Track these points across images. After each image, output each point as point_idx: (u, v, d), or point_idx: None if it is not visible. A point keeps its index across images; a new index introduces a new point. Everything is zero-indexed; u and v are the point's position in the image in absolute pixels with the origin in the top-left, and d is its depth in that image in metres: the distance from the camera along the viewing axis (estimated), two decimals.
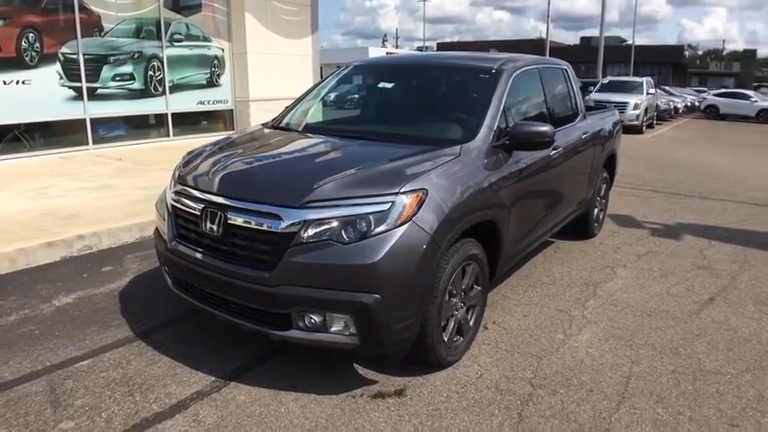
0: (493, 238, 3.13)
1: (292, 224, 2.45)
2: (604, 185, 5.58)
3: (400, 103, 3.62)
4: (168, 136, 10.36)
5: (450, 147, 2.99)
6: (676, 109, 22.98)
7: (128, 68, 9.38)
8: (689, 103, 26.42)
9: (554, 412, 2.63)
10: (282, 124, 3.80)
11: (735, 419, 2.63)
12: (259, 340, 3.09)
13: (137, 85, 9.58)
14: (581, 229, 5.24)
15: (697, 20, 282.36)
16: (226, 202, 2.63)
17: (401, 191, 2.50)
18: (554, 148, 3.80)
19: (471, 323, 3.11)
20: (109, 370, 2.88)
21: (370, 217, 2.43)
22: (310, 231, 2.43)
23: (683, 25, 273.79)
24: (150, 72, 9.79)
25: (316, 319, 2.48)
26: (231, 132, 3.77)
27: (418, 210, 2.50)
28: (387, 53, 44.35)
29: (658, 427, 2.56)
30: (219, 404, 2.61)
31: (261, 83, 11.76)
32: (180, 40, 10.35)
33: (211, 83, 11.21)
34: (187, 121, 10.79)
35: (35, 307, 3.60)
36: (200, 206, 2.72)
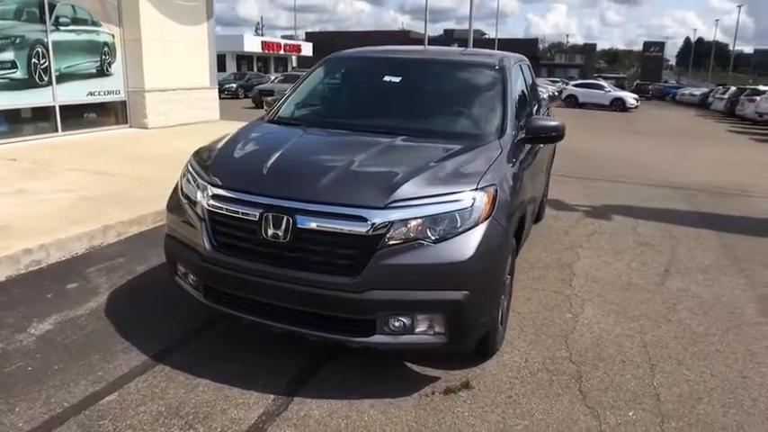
0: (518, 230, 3.26)
1: (379, 225, 2.36)
2: None
3: (418, 99, 3.57)
4: (57, 131, 9.20)
5: (490, 142, 3.05)
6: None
7: (8, 55, 8.14)
8: (550, 93, 29.02)
9: (606, 385, 2.85)
10: (291, 119, 3.56)
11: (742, 372, 3.05)
12: (293, 348, 2.95)
13: (19, 74, 8.36)
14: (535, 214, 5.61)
15: (541, 15, 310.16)
16: (295, 206, 2.44)
17: (479, 187, 2.52)
18: None
19: (505, 310, 3.22)
20: (147, 402, 2.56)
21: (456, 215, 2.42)
22: (397, 232, 2.37)
23: (529, 20, 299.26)
24: (34, 59, 8.58)
25: (404, 321, 2.42)
26: (237, 129, 3.46)
27: (494, 205, 2.54)
28: (262, 42, 42.99)
29: (692, 385, 2.89)
30: (297, 423, 2.45)
31: (156, 72, 10.86)
32: (66, 24, 9.18)
33: (102, 72, 10.13)
34: (77, 114, 9.66)
35: (10, 339, 3.06)
36: (258, 211, 2.50)
